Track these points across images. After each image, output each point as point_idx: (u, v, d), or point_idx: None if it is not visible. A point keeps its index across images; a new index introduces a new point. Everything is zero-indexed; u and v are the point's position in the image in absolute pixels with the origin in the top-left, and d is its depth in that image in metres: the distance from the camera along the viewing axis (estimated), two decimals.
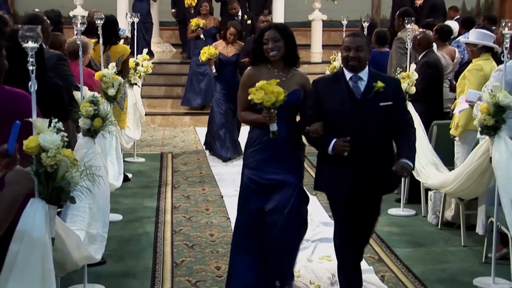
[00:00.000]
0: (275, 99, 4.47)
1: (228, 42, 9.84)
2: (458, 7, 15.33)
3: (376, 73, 4.69)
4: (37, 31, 3.19)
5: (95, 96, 5.37)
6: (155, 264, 5.79)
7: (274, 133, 4.63)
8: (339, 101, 4.53)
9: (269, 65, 4.87)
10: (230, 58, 9.79)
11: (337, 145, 4.47)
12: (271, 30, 4.83)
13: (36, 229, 3.21)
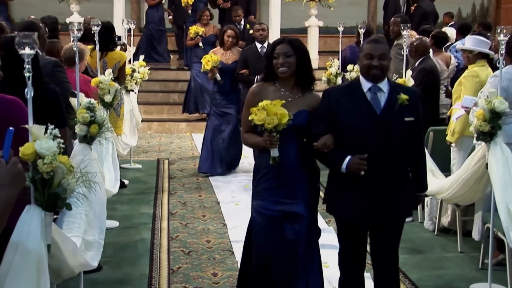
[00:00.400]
0: (278, 121, 4.05)
1: (227, 48, 9.27)
2: (454, 13, 15.37)
3: (396, 84, 4.34)
4: (34, 37, 3.19)
5: (91, 102, 5.37)
6: (151, 271, 5.78)
7: (275, 159, 4.22)
8: (356, 115, 4.10)
9: (277, 83, 4.42)
10: (229, 65, 9.20)
11: (353, 163, 4.03)
12: (283, 44, 4.39)
13: (31, 237, 3.20)
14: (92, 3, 14.82)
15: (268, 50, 4.56)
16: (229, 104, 9.31)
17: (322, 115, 4.21)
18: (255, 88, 4.52)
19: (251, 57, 9.02)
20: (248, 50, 9.34)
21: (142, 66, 9.92)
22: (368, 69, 4.12)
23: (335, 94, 4.26)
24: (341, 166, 4.06)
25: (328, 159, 4.20)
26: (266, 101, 4.10)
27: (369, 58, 4.12)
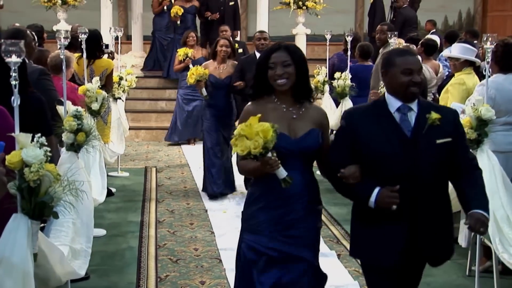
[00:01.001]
0: (263, 140, 3.37)
1: (220, 61, 8.32)
2: (436, 21, 15.45)
3: (427, 102, 3.80)
4: (20, 45, 3.18)
5: (78, 110, 5.36)
6: (139, 279, 5.76)
7: (286, 181, 3.52)
8: (384, 139, 3.56)
9: (275, 97, 3.79)
10: (223, 80, 8.29)
11: (383, 196, 3.49)
12: (280, 52, 3.77)
13: (17, 246, 3.18)
14: (79, 11, 14.80)
15: (261, 59, 3.87)
16: (222, 123, 8.42)
17: (343, 141, 3.69)
18: (250, 107, 3.83)
19: (249, 67, 7.87)
20: (246, 59, 8.61)
21: (130, 74, 9.91)
22: (407, 87, 3.56)
23: (357, 116, 3.69)
24: (369, 200, 3.53)
25: (353, 191, 3.65)
26: (240, 126, 3.47)
27: (409, 74, 3.55)
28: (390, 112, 3.62)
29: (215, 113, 8.42)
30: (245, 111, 3.82)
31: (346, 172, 3.54)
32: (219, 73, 8.33)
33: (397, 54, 3.67)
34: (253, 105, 3.82)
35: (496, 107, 5.50)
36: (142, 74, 14.30)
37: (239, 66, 8.33)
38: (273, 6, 15.66)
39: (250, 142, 3.38)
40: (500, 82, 5.84)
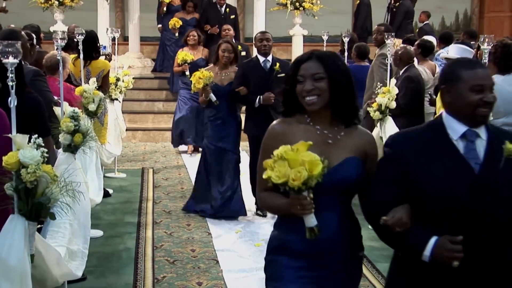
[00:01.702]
0: (308, 175, 2.75)
1: (222, 66, 7.58)
2: (430, 13, 15.47)
3: (496, 128, 3.03)
4: (17, 46, 3.18)
5: (75, 111, 5.35)
6: (136, 280, 5.75)
7: (313, 232, 2.86)
8: (443, 175, 2.79)
9: (307, 117, 3.09)
10: (225, 87, 7.54)
11: (441, 248, 2.73)
12: (310, 62, 3.06)
13: (14, 247, 3.18)
14: (76, 12, 14.78)
15: (290, 69, 3.18)
16: (225, 138, 7.62)
17: (389, 175, 2.92)
18: (276, 126, 3.14)
19: (252, 72, 7.49)
20: (247, 63, 7.78)
21: (126, 75, 9.90)
22: (476, 107, 2.84)
23: (407, 144, 2.92)
24: (423, 253, 2.78)
25: (401, 240, 2.88)
26: (284, 147, 2.80)
27: (480, 91, 2.84)
28: (450, 139, 2.87)
29: (217, 126, 7.63)
30: (270, 131, 3.15)
31: (390, 220, 2.81)
32: (220, 80, 7.58)
33: (464, 66, 2.91)
34: (281, 124, 3.14)
35: (495, 108, 5.47)
36: (139, 75, 14.28)
37: (241, 71, 7.56)
38: (270, 7, 15.67)
39: (291, 171, 2.75)
40: (499, 83, 5.84)
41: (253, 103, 7.38)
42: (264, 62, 7.51)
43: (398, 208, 2.84)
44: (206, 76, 7.33)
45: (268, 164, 2.81)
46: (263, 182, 2.94)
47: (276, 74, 7.40)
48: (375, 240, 3.32)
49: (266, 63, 7.50)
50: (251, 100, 7.41)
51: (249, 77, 7.43)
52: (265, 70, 7.49)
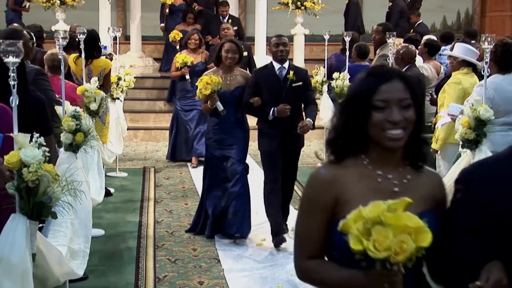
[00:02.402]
0: (415, 247, 2.03)
1: (226, 69, 6.74)
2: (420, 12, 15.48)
3: None
4: (19, 46, 3.18)
5: (77, 110, 5.36)
6: (137, 280, 5.76)
7: None
8: None
9: (365, 158, 2.40)
10: (232, 93, 6.63)
11: None
12: (393, 82, 2.35)
13: (16, 246, 3.18)
14: (77, 11, 14.78)
15: (362, 90, 2.39)
16: (230, 146, 6.73)
17: (473, 221, 2.24)
18: (323, 171, 2.43)
19: (266, 80, 6.60)
20: (261, 71, 6.90)
21: (128, 74, 9.91)
22: None
23: (491, 180, 2.25)
24: None
25: None
26: (378, 206, 2.07)
27: None
28: None
29: (222, 134, 6.79)
30: (315, 178, 2.43)
31: (486, 285, 2.11)
32: (226, 84, 6.69)
33: None
34: (331, 169, 2.42)
35: (495, 107, 5.50)
36: (140, 74, 14.29)
37: (254, 79, 6.69)
38: (272, 7, 15.65)
39: (395, 241, 2.01)
40: (499, 83, 5.85)
41: (266, 115, 6.49)
42: (280, 69, 6.56)
43: (491, 266, 2.16)
44: (215, 81, 6.44)
45: (353, 227, 2.06)
46: (310, 244, 2.38)
47: (291, 83, 6.52)
48: None
49: (282, 70, 6.56)
50: (265, 112, 6.51)
51: (263, 86, 6.56)
52: (280, 79, 6.55)
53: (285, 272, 5.87)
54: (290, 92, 6.52)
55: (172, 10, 14.67)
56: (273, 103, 6.47)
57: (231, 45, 6.72)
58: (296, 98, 6.56)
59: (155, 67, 15.95)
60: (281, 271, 5.92)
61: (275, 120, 6.47)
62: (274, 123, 6.50)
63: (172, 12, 14.68)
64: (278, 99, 6.47)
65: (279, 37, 6.77)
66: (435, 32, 15.52)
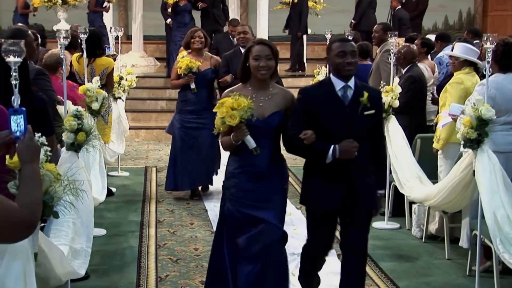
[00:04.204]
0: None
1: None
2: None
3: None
4: (21, 45, 3.17)
5: (79, 110, 5.36)
6: (139, 279, 5.76)
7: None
8: None
9: None
10: (267, 120, 4.55)
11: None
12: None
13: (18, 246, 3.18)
14: (79, 11, 14.80)
15: None
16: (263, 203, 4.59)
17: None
18: None
19: (322, 105, 4.37)
20: (313, 91, 4.62)
21: (130, 74, 9.91)
22: None
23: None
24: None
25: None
26: None
27: None
28: None
29: (250, 185, 4.70)
30: None
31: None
32: (258, 108, 4.65)
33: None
34: None
35: (496, 106, 5.50)
36: (142, 74, 14.29)
37: (302, 103, 4.52)
38: (273, 6, 15.67)
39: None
40: (500, 82, 5.85)
41: (323, 156, 4.46)
42: (344, 89, 4.54)
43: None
44: (243, 106, 4.36)
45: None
46: None
47: (363, 110, 4.53)
48: (378, 239, 3.37)
49: (346, 91, 4.54)
50: (321, 151, 4.47)
51: (318, 114, 4.53)
52: (344, 103, 4.53)
53: None
54: (360, 122, 4.52)
55: (176, 10, 14.14)
56: (334, 138, 4.45)
57: (263, 49, 4.57)
58: (366, 132, 4.54)
59: (157, 66, 15.96)
60: None
61: (336, 164, 4.48)
62: (335, 168, 4.51)
63: (176, 13, 14.17)
64: (340, 132, 4.47)
65: (344, 43, 4.58)
66: (437, 31, 15.51)
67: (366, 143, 4.50)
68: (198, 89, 8.12)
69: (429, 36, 10.30)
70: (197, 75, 8.06)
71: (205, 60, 8.16)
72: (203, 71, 8.10)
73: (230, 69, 8.09)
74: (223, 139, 4.63)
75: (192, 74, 8.02)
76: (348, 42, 4.61)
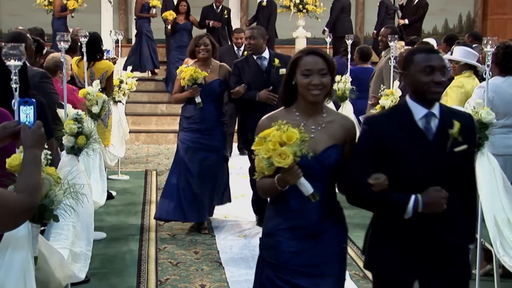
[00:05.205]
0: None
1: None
2: None
3: None
4: (21, 49, 3.18)
5: (79, 113, 5.36)
6: (139, 283, 5.76)
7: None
8: None
9: None
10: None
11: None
12: None
13: (18, 249, 3.18)
14: (79, 14, 14.81)
15: None
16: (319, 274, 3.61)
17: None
18: None
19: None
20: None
21: (130, 77, 9.91)
22: None
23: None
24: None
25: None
26: None
27: None
28: None
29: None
30: None
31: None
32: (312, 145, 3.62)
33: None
34: None
35: (494, 109, 5.50)
36: (142, 77, 14.30)
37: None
38: None
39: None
40: (498, 85, 5.86)
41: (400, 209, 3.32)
42: (426, 118, 3.38)
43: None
44: (296, 139, 3.19)
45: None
46: None
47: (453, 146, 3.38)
48: None
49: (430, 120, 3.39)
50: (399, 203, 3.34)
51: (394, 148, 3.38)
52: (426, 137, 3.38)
53: None
54: (448, 163, 3.38)
55: (175, 29, 13.94)
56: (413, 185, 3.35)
57: (316, 61, 3.48)
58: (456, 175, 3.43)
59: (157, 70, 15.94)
60: None
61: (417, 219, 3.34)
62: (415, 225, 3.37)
63: (175, 31, 13.97)
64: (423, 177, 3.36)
65: (432, 55, 3.42)
66: (437, 35, 15.52)
67: (455, 189, 3.37)
68: (205, 103, 7.00)
69: (428, 40, 10.29)
70: (203, 88, 6.96)
71: (213, 71, 7.07)
72: (210, 83, 7.00)
73: (242, 79, 6.97)
74: (261, 182, 3.48)
75: (197, 86, 6.94)
76: (436, 54, 3.43)
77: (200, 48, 7.00)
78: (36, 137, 2.90)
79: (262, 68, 7.04)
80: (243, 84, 6.93)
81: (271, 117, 3.52)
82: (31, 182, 2.77)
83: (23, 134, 2.92)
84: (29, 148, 2.86)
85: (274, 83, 6.69)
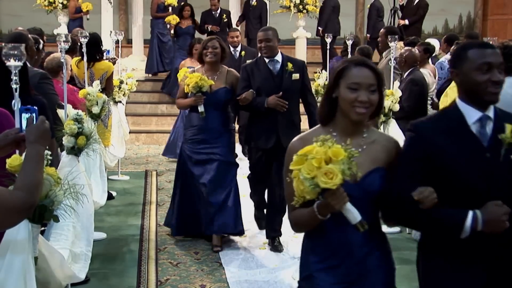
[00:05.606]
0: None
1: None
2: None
3: None
4: (21, 49, 3.18)
5: (79, 114, 5.37)
6: (139, 283, 5.75)
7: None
8: None
9: None
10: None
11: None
12: None
13: (18, 250, 3.18)
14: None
15: None
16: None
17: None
18: None
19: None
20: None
21: (130, 78, 9.91)
22: None
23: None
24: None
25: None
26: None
27: None
28: None
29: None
30: None
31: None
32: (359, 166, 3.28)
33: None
34: None
35: None
36: (142, 78, 14.30)
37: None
38: (274, 10, 15.68)
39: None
40: None
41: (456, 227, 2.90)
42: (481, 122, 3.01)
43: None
44: (343, 156, 2.72)
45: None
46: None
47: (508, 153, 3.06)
48: None
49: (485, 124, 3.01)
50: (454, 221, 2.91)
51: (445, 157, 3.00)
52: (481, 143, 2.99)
53: (288, 276, 5.86)
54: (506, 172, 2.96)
55: (178, 33, 13.88)
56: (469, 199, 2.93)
57: (365, 74, 3.03)
58: None
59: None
60: (284, 275, 5.92)
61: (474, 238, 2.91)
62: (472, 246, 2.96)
63: (178, 35, 13.91)
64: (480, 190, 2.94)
65: (488, 50, 3.00)
66: (437, 35, 15.53)
67: None
68: (209, 113, 6.51)
69: (429, 40, 10.30)
70: (208, 96, 6.47)
71: (220, 77, 6.60)
72: (216, 91, 6.51)
73: (251, 84, 6.37)
74: (296, 213, 2.99)
75: (201, 94, 6.44)
76: (493, 50, 2.98)
77: (208, 51, 6.54)
78: (40, 132, 2.89)
79: (273, 73, 6.37)
80: (252, 89, 6.34)
81: (303, 138, 3.06)
82: (31, 180, 2.76)
83: (28, 129, 2.92)
84: (32, 144, 2.85)
85: (286, 88, 6.23)
